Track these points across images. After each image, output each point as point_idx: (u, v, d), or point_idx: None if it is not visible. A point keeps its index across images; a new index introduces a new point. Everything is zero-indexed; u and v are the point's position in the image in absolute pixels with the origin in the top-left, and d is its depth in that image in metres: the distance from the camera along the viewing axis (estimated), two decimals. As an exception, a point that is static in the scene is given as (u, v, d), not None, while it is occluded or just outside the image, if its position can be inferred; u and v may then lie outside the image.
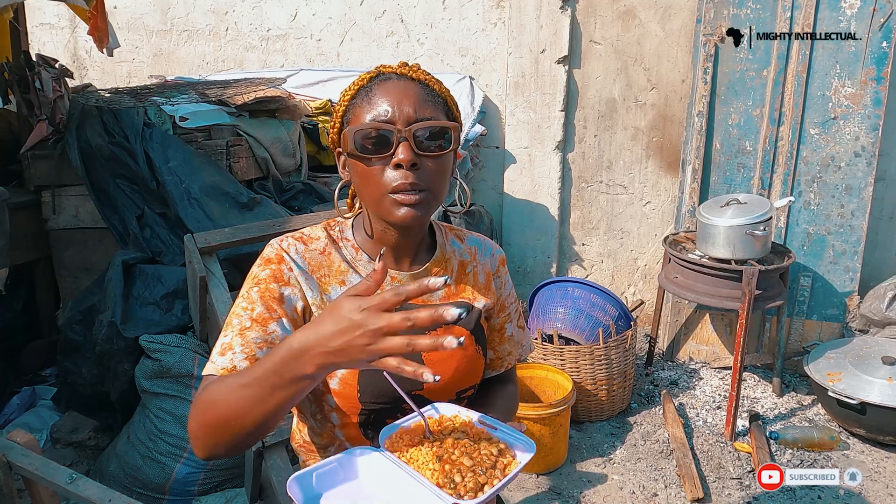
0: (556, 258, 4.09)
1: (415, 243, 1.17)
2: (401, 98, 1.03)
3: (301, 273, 1.08)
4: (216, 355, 0.97)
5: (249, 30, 4.13)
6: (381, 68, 1.09)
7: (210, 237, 2.26)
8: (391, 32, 3.97)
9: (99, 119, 2.88)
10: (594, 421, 3.06)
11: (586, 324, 3.01)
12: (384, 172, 1.03)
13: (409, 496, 0.91)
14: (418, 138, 1.02)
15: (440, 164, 1.05)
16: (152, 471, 2.37)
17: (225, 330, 0.99)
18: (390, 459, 0.95)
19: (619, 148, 3.93)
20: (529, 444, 0.99)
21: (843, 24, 3.21)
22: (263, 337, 0.97)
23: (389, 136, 1.02)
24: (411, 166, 1.02)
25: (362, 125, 1.04)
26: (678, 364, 3.61)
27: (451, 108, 1.11)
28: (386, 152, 1.02)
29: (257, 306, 1.00)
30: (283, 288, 1.04)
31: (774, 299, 3.02)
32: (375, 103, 1.04)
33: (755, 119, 3.42)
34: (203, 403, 0.88)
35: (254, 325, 0.98)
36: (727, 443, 2.90)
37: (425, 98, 1.05)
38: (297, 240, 1.13)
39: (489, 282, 1.24)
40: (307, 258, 1.11)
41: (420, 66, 1.11)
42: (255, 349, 0.96)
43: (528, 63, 3.80)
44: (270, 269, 1.06)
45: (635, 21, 3.72)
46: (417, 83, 1.06)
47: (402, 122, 1.02)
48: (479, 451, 0.98)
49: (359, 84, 1.09)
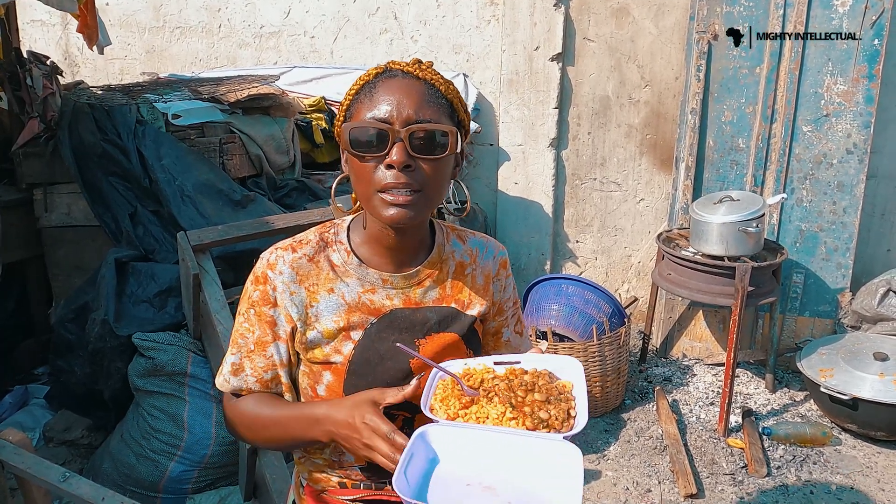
0: (551, 255, 4.09)
1: (412, 244, 1.16)
2: (402, 97, 1.03)
3: (285, 290, 1.11)
4: (229, 374, 1.14)
5: (242, 27, 4.12)
6: (390, 64, 1.08)
7: (203, 235, 2.25)
8: (385, 29, 3.97)
9: (91, 116, 2.86)
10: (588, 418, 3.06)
11: (580, 321, 3.02)
12: (377, 170, 1.03)
13: (521, 452, 0.92)
14: (415, 140, 1.01)
15: (436, 166, 1.05)
16: (146, 469, 2.36)
17: (232, 347, 1.15)
18: (466, 427, 0.95)
19: (612, 145, 3.94)
20: (568, 359, 1.06)
21: (835, 22, 3.22)
22: (265, 361, 1.13)
23: (385, 135, 1.01)
24: (404, 167, 1.01)
25: (360, 122, 1.03)
26: (672, 361, 3.62)
27: (457, 111, 1.10)
28: (381, 151, 1.02)
29: (256, 329, 1.12)
30: (272, 310, 1.12)
31: (767, 296, 3.03)
32: (377, 101, 1.03)
33: (748, 116, 3.43)
34: (244, 421, 1.14)
35: (257, 349, 1.13)
36: (720, 439, 2.91)
37: (428, 99, 1.04)
38: (286, 249, 1.14)
39: (487, 285, 1.23)
40: (295, 267, 1.12)
41: (433, 66, 1.10)
42: (262, 373, 1.13)
43: (522, 60, 3.80)
44: (259, 291, 1.12)
45: (629, 18, 3.73)
46: (423, 83, 1.05)
47: (399, 123, 1.02)
48: (536, 383, 1.01)
49: (364, 79, 1.08)
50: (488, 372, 1.05)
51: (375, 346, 1.13)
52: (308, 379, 1.15)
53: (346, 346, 1.12)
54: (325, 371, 1.12)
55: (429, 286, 1.16)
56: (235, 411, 1.15)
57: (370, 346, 1.12)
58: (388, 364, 1.12)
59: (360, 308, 1.13)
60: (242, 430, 1.16)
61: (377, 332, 1.13)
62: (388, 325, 1.13)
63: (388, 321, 1.13)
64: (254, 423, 1.13)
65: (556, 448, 0.92)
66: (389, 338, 1.13)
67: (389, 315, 1.13)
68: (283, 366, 1.14)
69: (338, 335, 1.12)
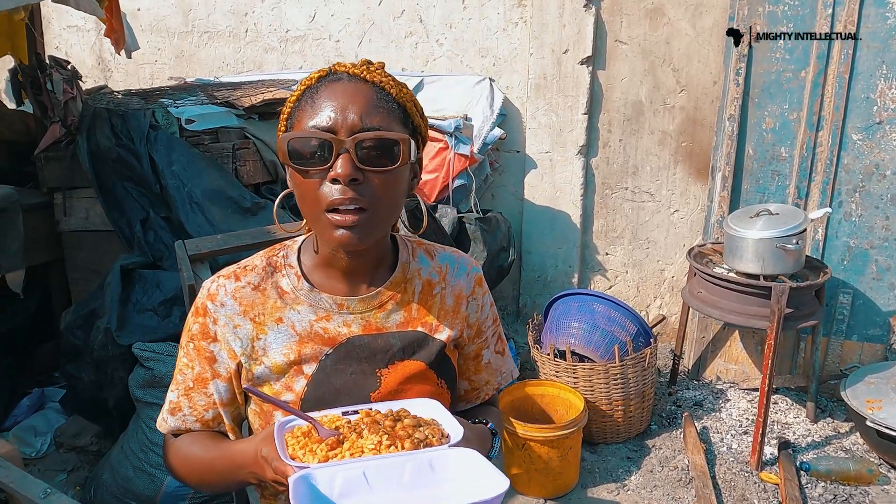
0: (578, 268, 3.91)
1: (369, 265, 1.05)
2: (347, 103, 0.92)
3: (228, 323, 1.01)
4: (167, 413, 1.07)
5: (268, 31, 4.09)
6: (334, 66, 0.98)
7: (201, 244, 2.18)
8: (410, 33, 3.87)
9: (108, 121, 2.86)
10: (609, 443, 2.89)
11: (602, 340, 2.84)
12: (321, 186, 0.92)
13: (418, 472, 0.84)
14: (362, 150, 0.90)
15: (387, 179, 0.93)
16: (143, 483, 2.31)
17: (173, 384, 1.07)
18: (348, 463, 0.83)
19: (645, 153, 3.74)
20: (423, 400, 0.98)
21: (890, 22, 2.96)
22: (206, 400, 1.05)
23: (329, 146, 0.91)
24: (351, 181, 0.90)
25: (300, 132, 0.93)
26: (704, 383, 3.40)
27: (412, 117, 0.98)
28: (324, 164, 0.91)
29: (196, 365, 1.04)
30: (212, 345, 1.03)
31: (808, 318, 2.79)
32: (318, 107, 0.93)
33: (792, 123, 3.19)
34: (180, 464, 1.06)
35: (196, 387, 1.04)
36: (753, 472, 2.69)
37: (376, 104, 0.93)
38: (228, 277, 1.04)
39: (458, 305, 1.11)
40: (238, 298, 1.02)
41: (383, 67, 0.99)
42: (203, 412, 1.05)
43: (551, 64, 3.65)
44: (199, 324, 1.03)
45: (664, 19, 3.53)
46: (371, 86, 0.94)
47: (344, 132, 0.91)
48: (400, 414, 0.93)
49: (306, 84, 0.98)
50: (339, 420, 0.92)
51: (331, 380, 1.02)
52: (259, 419, 1.05)
53: (297, 381, 1.01)
54: (276, 411, 1.01)
55: (391, 309, 1.05)
56: (171, 452, 1.09)
57: (325, 381, 1.01)
58: (345, 400, 1.01)
59: (313, 338, 1.02)
60: (182, 473, 1.07)
61: (333, 363, 1.02)
62: (346, 356, 1.02)
63: (344, 351, 1.02)
64: (188, 465, 1.05)
65: (451, 456, 0.86)
66: (347, 370, 1.02)
67: (346, 344, 1.02)
68: (224, 405, 1.06)
69: (288, 370, 1.02)
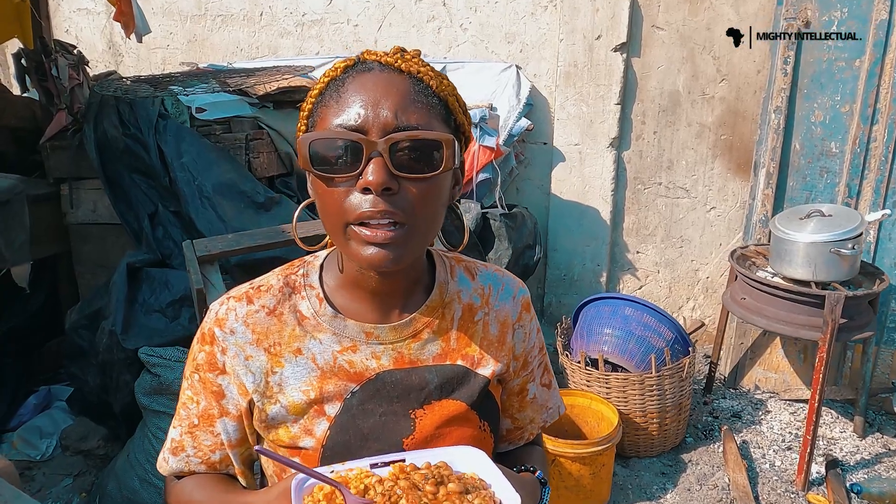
0: (607, 266, 3.72)
1: (402, 286, 0.88)
2: (379, 98, 0.75)
3: (238, 354, 0.86)
4: (168, 452, 0.93)
5: (284, 14, 3.91)
6: (363, 55, 0.81)
7: (211, 244, 2.03)
8: (432, 17, 3.67)
9: (115, 109, 2.70)
10: (643, 457, 2.72)
11: (637, 348, 2.66)
12: (348, 196, 0.76)
13: None
14: (397, 154, 0.74)
15: (427, 188, 0.76)
16: (149, 495, 2.18)
17: (175, 419, 0.93)
18: None
19: (681, 146, 3.53)
20: (464, 448, 0.83)
21: (958, 6, 2.73)
22: (212, 440, 0.91)
23: (358, 149, 0.74)
24: (384, 191, 0.74)
25: (324, 132, 0.76)
26: (742, 393, 3.21)
27: (455, 114, 0.82)
28: (353, 171, 0.75)
29: (202, 399, 0.90)
30: (220, 378, 0.89)
31: (862, 329, 2.59)
32: (345, 103, 0.76)
33: (843, 116, 2.97)
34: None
35: (202, 424, 0.91)
36: (798, 493, 2.51)
37: (414, 99, 0.76)
38: (239, 299, 0.88)
39: (504, 334, 0.94)
40: (251, 324, 0.86)
41: (419, 55, 0.81)
42: (209, 453, 0.92)
43: (582, 50, 3.43)
44: (205, 353, 0.88)
45: (705, 3, 3.30)
46: (407, 77, 0.78)
47: (376, 132, 0.74)
48: (443, 475, 0.79)
49: (330, 75, 0.81)
50: (368, 476, 0.77)
51: (357, 423, 0.86)
52: (274, 465, 0.90)
53: (319, 424, 0.86)
54: (294, 457, 0.85)
55: (427, 339, 0.89)
56: (173, 497, 0.94)
57: (350, 424, 0.86)
58: (374, 447, 0.85)
59: (337, 373, 0.86)
60: None
61: (360, 403, 0.86)
62: (375, 394, 0.86)
63: (373, 388, 0.86)
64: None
65: None
66: (376, 410, 0.86)
67: (375, 380, 0.86)
68: (233, 446, 0.91)
69: (308, 410, 0.86)
